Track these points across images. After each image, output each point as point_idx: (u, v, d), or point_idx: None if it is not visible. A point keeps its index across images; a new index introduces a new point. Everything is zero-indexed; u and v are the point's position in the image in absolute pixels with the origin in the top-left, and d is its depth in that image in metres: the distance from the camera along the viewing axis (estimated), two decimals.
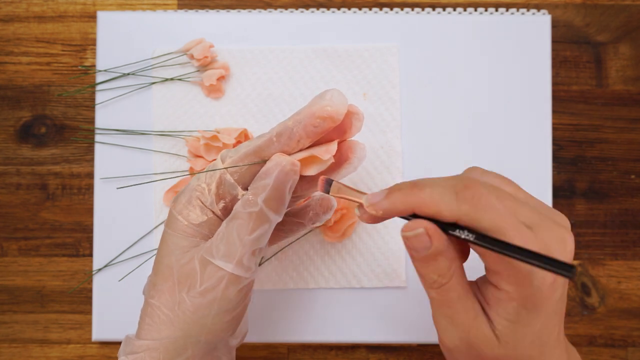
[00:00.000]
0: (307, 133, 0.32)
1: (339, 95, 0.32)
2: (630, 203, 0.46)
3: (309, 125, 0.32)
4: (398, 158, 0.45)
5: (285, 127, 0.32)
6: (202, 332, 0.32)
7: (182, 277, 0.32)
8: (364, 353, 0.46)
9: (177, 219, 0.33)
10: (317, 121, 0.31)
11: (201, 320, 0.32)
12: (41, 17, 0.47)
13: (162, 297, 0.32)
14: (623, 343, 0.46)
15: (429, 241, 0.29)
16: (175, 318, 0.32)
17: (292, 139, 0.32)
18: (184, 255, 0.33)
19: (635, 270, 0.46)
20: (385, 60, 0.46)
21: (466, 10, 0.46)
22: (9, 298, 0.46)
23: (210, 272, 0.32)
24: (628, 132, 0.46)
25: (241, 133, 0.44)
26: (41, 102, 0.47)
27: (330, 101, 0.31)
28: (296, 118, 0.32)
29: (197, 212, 0.33)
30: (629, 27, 0.47)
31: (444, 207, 0.28)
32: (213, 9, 0.47)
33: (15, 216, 0.46)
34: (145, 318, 0.33)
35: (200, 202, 0.33)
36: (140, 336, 0.33)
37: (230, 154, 0.33)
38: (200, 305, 0.32)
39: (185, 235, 0.33)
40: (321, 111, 0.31)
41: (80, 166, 0.46)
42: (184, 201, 0.33)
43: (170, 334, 0.32)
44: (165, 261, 0.33)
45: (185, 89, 0.46)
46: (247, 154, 0.33)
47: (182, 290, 0.32)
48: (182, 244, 0.33)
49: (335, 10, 0.47)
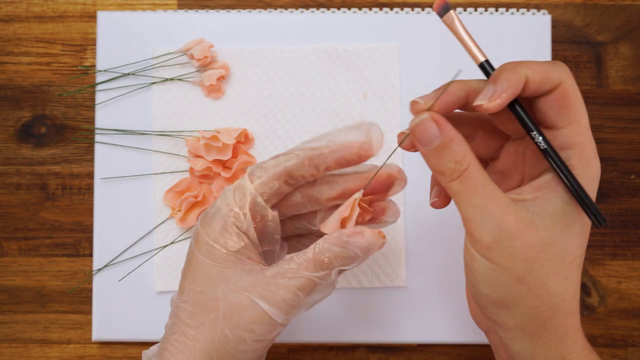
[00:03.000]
0: (339, 164, 0.32)
1: (379, 133, 0.32)
2: (630, 203, 0.46)
3: (342, 159, 0.32)
4: (398, 158, 0.45)
5: (320, 155, 0.32)
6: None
7: (229, 313, 0.31)
8: (364, 353, 0.46)
9: (214, 247, 0.32)
10: (353, 157, 0.32)
11: (239, 355, 0.32)
12: (41, 17, 0.47)
13: (201, 328, 0.32)
14: (623, 343, 0.46)
15: (436, 129, 0.28)
16: (213, 351, 0.32)
17: (322, 166, 0.32)
18: (230, 287, 0.32)
19: (635, 270, 0.46)
20: (385, 60, 0.46)
21: (466, 10, 0.46)
22: (9, 298, 0.46)
23: (260, 316, 0.31)
24: (628, 132, 0.46)
25: (241, 133, 0.44)
26: (41, 102, 0.47)
27: (370, 139, 0.32)
28: (332, 148, 0.32)
29: (235, 238, 0.32)
30: (629, 27, 0.47)
31: (550, 71, 0.29)
32: (213, 9, 0.47)
33: (15, 216, 0.46)
34: (175, 345, 0.32)
35: (237, 229, 0.32)
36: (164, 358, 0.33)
37: (258, 174, 0.32)
38: (241, 340, 0.31)
39: (226, 264, 0.32)
40: (359, 149, 0.32)
41: (80, 166, 0.46)
42: (218, 228, 0.32)
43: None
44: (210, 294, 0.32)
45: (185, 89, 0.46)
46: (277, 175, 0.32)
47: (225, 326, 0.31)
48: (227, 275, 0.32)
49: (335, 10, 0.47)
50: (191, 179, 0.45)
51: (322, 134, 0.33)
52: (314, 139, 0.33)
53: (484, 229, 0.28)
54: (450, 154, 0.28)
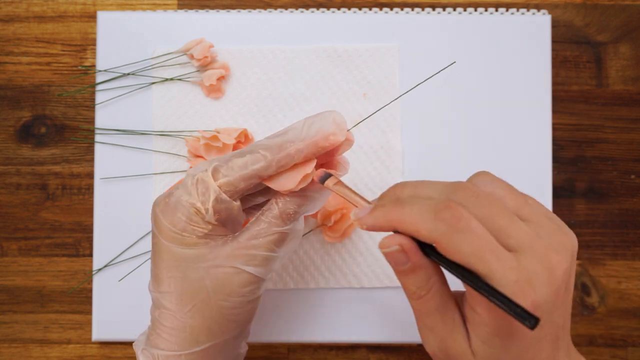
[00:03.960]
0: (306, 159, 0.33)
1: (341, 118, 0.32)
2: (630, 203, 0.46)
3: (309, 154, 0.32)
4: (398, 158, 0.45)
5: (287, 155, 0.32)
6: (236, 330, 0.34)
7: (218, 287, 0.33)
8: (364, 353, 0.46)
9: (183, 236, 0.33)
10: (320, 150, 0.32)
11: (238, 318, 0.34)
12: (41, 17, 0.47)
13: (194, 309, 0.33)
14: (623, 343, 0.46)
15: (405, 257, 0.29)
16: (213, 324, 0.33)
17: (289, 165, 0.33)
18: (210, 264, 0.33)
19: (635, 270, 0.46)
20: (385, 60, 0.46)
21: (466, 10, 0.46)
22: (9, 298, 0.46)
23: (248, 279, 0.33)
24: (628, 132, 0.46)
25: (241, 133, 0.44)
26: (41, 102, 0.47)
27: (333, 129, 0.32)
28: (298, 147, 0.32)
29: (202, 224, 0.33)
30: (629, 27, 0.47)
31: (421, 227, 0.28)
32: (213, 9, 0.47)
33: (15, 216, 0.46)
34: (171, 332, 0.33)
35: (201, 219, 0.33)
36: (161, 346, 0.33)
37: (224, 172, 0.33)
38: (236, 305, 0.33)
39: (199, 246, 0.33)
40: (325, 141, 0.32)
41: (80, 166, 0.46)
42: (184, 218, 0.33)
43: (206, 339, 0.33)
44: (193, 275, 0.33)
45: (185, 89, 0.46)
46: (244, 177, 0.33)
47: (218, 299, 0.33)
48: (203, 254, 0.33)
49: (335, 10, 0.47)
50: None
51: (285, 128, 0.33)
52: (278, 134, 0.33)
53: (431, 346, 0.31)
54: (415, 278, 0.30)
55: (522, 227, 0.28)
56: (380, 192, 0.45)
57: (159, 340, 0.33)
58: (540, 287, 0.27)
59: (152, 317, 0.34)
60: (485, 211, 0.28)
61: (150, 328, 0.34)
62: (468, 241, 0.27)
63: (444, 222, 0.27)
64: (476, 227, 0.27)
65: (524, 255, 0.27)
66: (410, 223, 0.28)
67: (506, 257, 0.27)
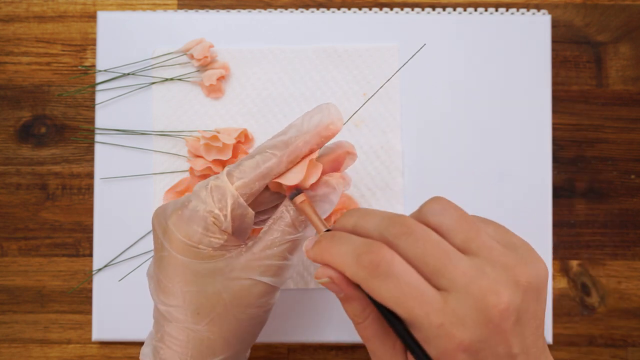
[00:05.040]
0: (312, 151, 0.34)
1: (337, 110, 0.34)
2: (630, 203, 0.46)
3: (314, 145, 0.34)
4: (398, 158, 0.45)
5: (295, 149, 0.33)
6: (252, 340, 0.35)
7: (236, 299, 0.33)
8: (364, 353, 0.46)
9: (199, 249, 0.33)
10: (323, 140, 0.34)
11: (254, 329, 0.34)
12: (41, 17, 0.47)
13: (212, 323, 0.33)
14: (623, 343, 0.46)
15: (337, 288, 0.30)
16: (231, 337, 0.33)
17: (297, 158, 0.34)
18: (226, 276, 0.33)
19: (635, 270, 0.46)
20: (385, 60, 0.46)
21: (466, 10, 0.46)
22: (9, 298, 0.46)
23: (265, 289, 0.33)
24: (628, 132, 0.46)
25: (241, 133, 0.44)
26: (41, 102, 0.47)
27: (332, 118, 0.33)
28: (305, 139, 0.33)
29: (218, 235, 0.33)
30: (629, 27, 0.47)
31: (346, 270, 0.28)
32: (213, 9, 0.47)
33: (15, 216, 0.46)
34: (183, 345, 0.33)
35: (218, 228, 0.33)
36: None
37: (238, 175, 0.33)
38: (254, 316, 0.34)
39: (215, 259, 0.33)
40: (327, 131, 0.33)
41: (80, 166, 0.46)
42: (200, 230, 0.32)
43: (221, 351, 0.33)
44: (210, 289, 0.32)
45: (185, 89, 0.46)
46: (258, 176, 0.33)
47: (237, 311, 0.33)
48: (219, 267, 0.33)
49: (335, 10, 0.47)
50: (191, 179, 0.45)
51: (286, 127, 0.34)
52: (280, 134, 0.34)
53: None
54: (350, 307, 0.30)
55: (460, 265, 0.27)
56: (380, 192, 0.45)
57: (170, 353, 0.33)
58: (471, 327, 0.26)
59: (159, 329, 0.34)
60: (419, 250, 0.27)
61: (158, 340, 0.34)
62: (386, 287, 0.27)
63: (363, 267, 0.27)
64: (399, 271, 0.27)
65: (454, 296, 0.26)
66: (337, 264, 0.29)
67: (432, 299, 0.26)
